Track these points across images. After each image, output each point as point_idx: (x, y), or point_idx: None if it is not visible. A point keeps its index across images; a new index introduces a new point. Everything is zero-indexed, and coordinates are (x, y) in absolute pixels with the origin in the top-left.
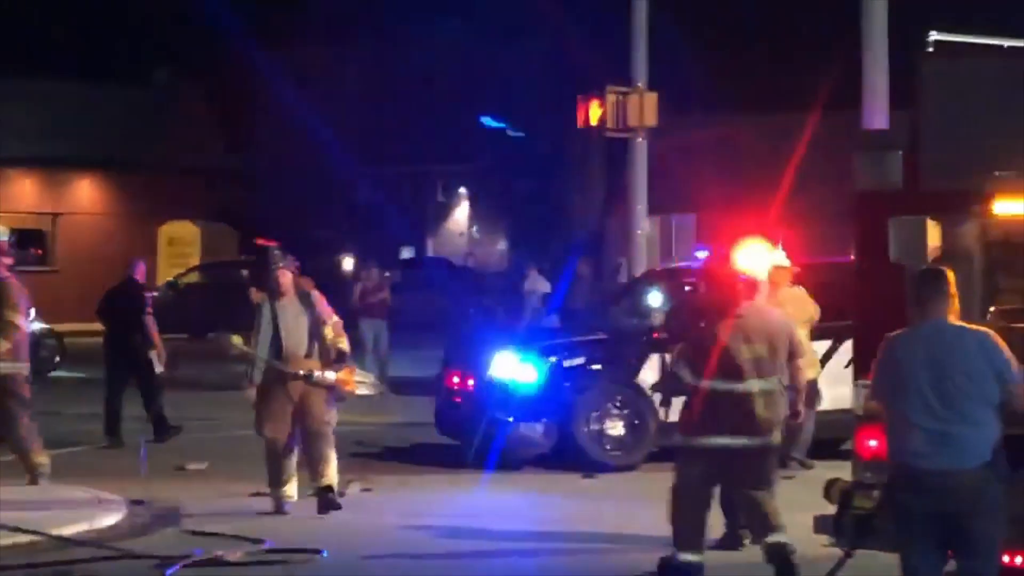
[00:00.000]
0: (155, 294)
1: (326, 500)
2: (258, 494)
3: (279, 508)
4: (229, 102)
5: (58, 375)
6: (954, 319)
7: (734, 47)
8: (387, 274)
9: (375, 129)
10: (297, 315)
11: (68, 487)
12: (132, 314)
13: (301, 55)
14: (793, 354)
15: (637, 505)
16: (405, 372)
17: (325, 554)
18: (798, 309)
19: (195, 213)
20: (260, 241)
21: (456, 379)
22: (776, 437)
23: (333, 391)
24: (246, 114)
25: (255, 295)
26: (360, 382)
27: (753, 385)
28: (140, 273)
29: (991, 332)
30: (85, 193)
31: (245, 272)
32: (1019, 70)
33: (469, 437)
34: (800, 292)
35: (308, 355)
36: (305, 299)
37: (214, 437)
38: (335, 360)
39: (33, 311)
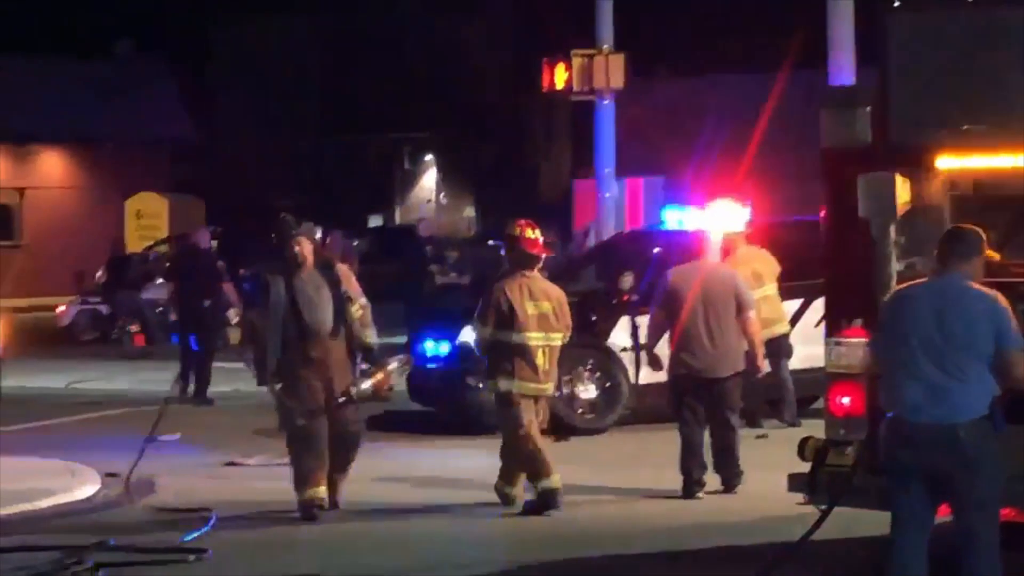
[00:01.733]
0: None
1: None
2: (232, 464)
3: (308, 514)
4: (192, 73)
5: None
6: (973, 278)
7: (701, 7)
8: (355, 243)
9: (340, 97)
10: (319, 288)
11: (43, 459)
12: (199, 280)
13: (264, 24)
14: (742, 308)
15: (611, 464)
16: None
17: (214, 518)
18: (766, 266)
19: (162, 185)
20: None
21: (429, 346)
22: (552, 387)
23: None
24: (210, 85)
25: (266, 273)
26: (391, 370)
27: (534, 338)
28: (204, 240)
29: (999, 296)
30: (51, 167)
31: (215, 243)
32: (985, 22)
33: (443, 403)
34: (762, 251)
35: (334, 334)
36: (327, 271)
37: (185, 408)
38: (364, 359)
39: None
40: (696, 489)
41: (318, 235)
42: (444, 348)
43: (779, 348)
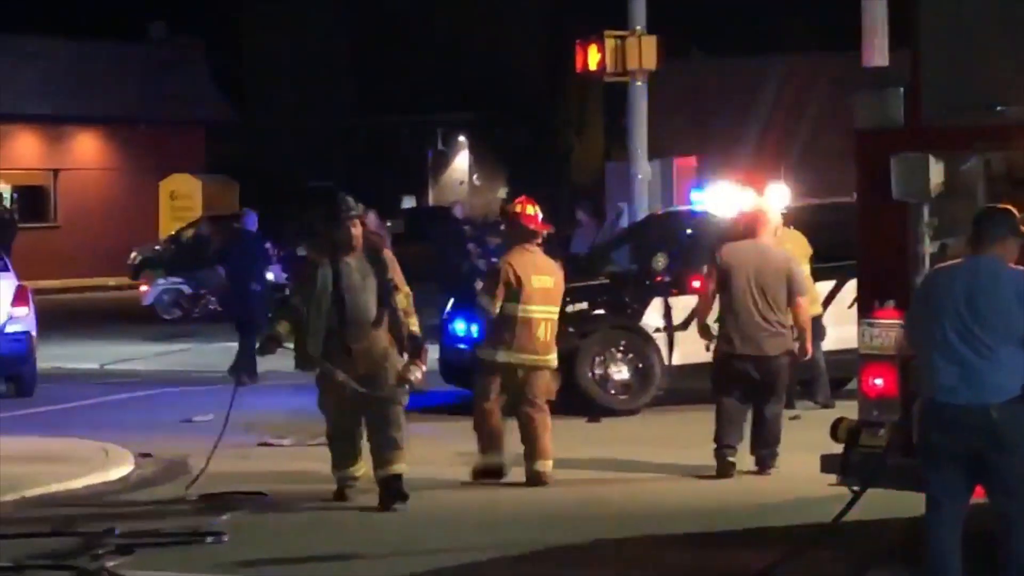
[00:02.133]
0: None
1: (392, 491)
2: (265, 444)
3: (342, 494)
4: (225, 54)
5: None
6: (1008, 259)
7: None
8: (388, 224)
9: (373, 79)
10: (364, 276)
11: (77, 440)
12: (246, 263)
13: (297, 5)
14: (793, 292)
15: (645, 445)
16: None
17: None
18: (798, 247)
19: (196, 167)
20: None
21: (461, 326)
22: (554, 360)
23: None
24: (243, 66)
25: (310, 253)
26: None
27: (537, 311)
28: (252, 223)
29: None
30: (85, 149)
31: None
32: (1018, 3)
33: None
34: (794, 232)
35: (376, 324)
36: (374, 257)
37: (219, 388)
38: (410, 351)
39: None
40: (727, 453)
41: None
42: (476, 328)
43: (812, 329)
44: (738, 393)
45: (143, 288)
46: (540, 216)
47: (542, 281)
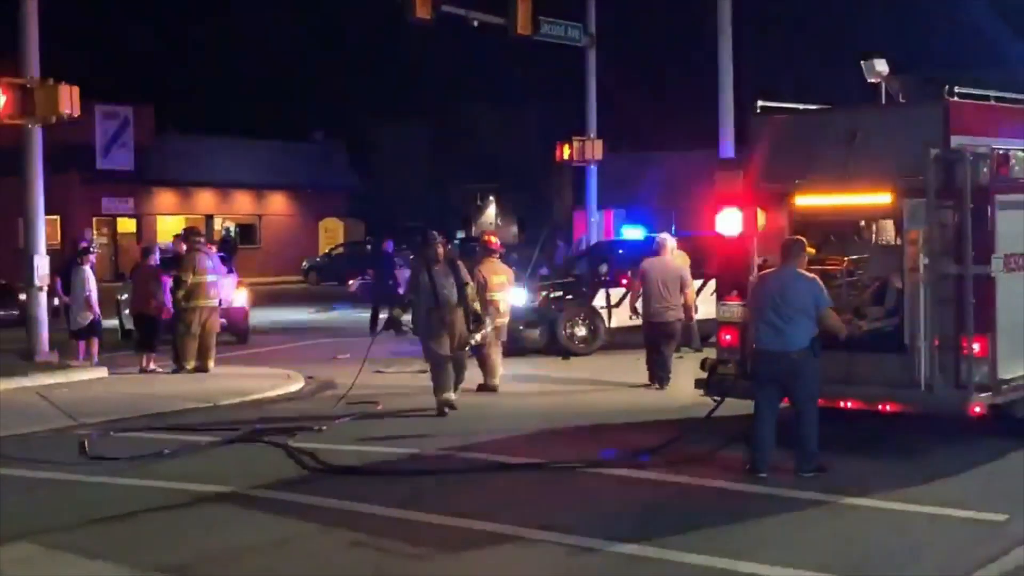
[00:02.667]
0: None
1: (451, 404)
2: (378, 371)
3: (441, 410)
4: (358, 149)
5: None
6: (801, 268)
7: (648, 111)
8: (449, 246)
9: (443, 165)
10: (447, 275)
11: (270, 368)
12: (382, 272)
13: (401, 123)
14: (683, 286)
15: (595, 372)
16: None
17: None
18: (683, 260)
19: (339, 213)
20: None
21: None
22: (507, 318)
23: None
24: (367, 155)
25: (417, 264)
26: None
27: (498, 295)
28: (390, 247)
29: (815, 277)
30: (277, 203)
31: (368, 247)
32: (803, 122)
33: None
34: (681, 252)
35: (457, 304)
36: (452, 265)
37: (353, 340)
38: (473, 322)
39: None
40: (655, 383)
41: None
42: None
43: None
44: (651, 342)
45: (351, 282)
46: (498, 242)
47: (499, 277)
